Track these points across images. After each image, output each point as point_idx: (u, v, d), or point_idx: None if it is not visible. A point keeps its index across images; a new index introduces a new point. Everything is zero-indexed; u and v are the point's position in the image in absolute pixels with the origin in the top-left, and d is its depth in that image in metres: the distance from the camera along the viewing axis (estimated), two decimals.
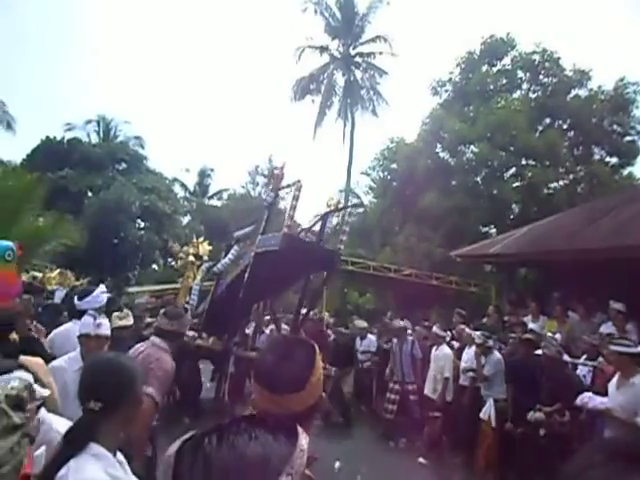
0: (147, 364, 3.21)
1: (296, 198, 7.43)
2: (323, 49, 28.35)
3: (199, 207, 31.39)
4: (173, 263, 27.91)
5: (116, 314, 4.44)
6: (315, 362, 1.37)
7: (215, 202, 33.32)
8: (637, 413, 4.19)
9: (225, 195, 33.32)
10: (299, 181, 7.60)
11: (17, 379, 1.49)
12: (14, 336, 2.92)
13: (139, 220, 25.43)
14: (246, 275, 7.38)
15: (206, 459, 0.82)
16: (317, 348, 1.45)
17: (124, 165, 26.97)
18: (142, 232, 24.99)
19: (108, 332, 3.40)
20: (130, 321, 4.44)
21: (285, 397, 1.29)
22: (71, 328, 4.05)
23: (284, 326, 9.37)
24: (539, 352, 5.78)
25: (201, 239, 11.07)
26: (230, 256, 8.78)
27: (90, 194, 24.67)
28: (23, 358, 2.27)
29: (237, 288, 7.63)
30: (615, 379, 4.55)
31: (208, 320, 8.36)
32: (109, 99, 61.92)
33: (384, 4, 27.23)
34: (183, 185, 33.06)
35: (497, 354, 6.44)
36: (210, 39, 75.92)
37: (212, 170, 34.17)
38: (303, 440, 0.93)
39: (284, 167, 8.57)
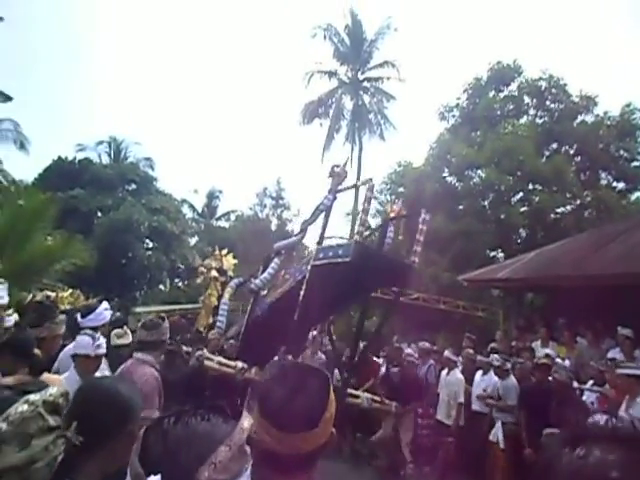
0: (137, 382, 3.27)
1: (368, 200, 6.44)
2: (332, 74, 28.77)
3: (207, 228, 31.58)
4: (180, 284, 28.09)
5: (114, 332, 4.51)
6: (329, 395, 1.24)
7: (223, 223, 33.55)
8: None
9: (233, 217, 33.54)
10: (371, 180, 6.76)
11: (55, 387, 1.56)
12: (37, 351, 2.97)
13: (147, 240, 25.60)
14: (302, 292, 6.32)
15: (164, 434, 1.07)
16: (329, 377, 1.31)
17: (134, 186, 27.25)
18: (150, 252, 25.13)
19: (104, 351, 3.47)
20: (128, 339, 4.50)
21: (295, 436, 1.16)
22: None
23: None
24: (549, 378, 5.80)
25: (224, 251, 10.00)
26: (270, 270, 7.50)
27: (100, 214, 24.90)
28: (45, 376, 2.31)
29: (284, 308, 6.59)
30: (624, 404, 4.66)
31: (245, 346, 7.18)
32: (120, 120, 62.83)
33: (392, 30, 27.74)
34: (191, 206, 33.34)
35: (513, 378, 6.45)
36: (222, 62, 77.18)
37: (220, 192, 34.50)
38: (246, 421, 1.15)
39: (346, 164, 7.74)
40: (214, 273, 9.35)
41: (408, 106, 55.95)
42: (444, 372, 7.40)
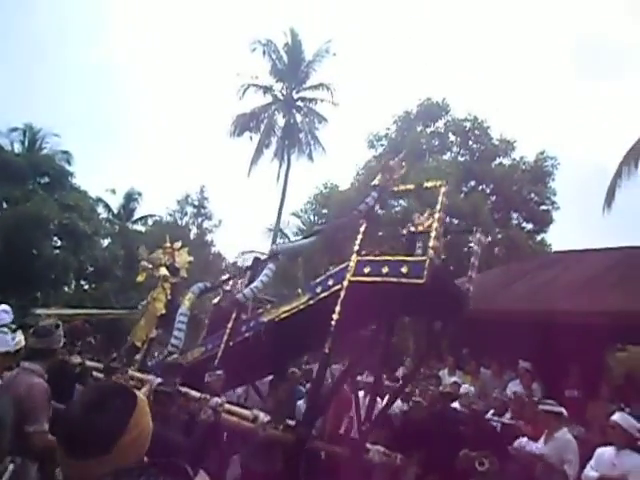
0: (23, 393, 3.10)
1: (443, 207, 5.32)
2: (267, 89, 28.82)
3: (122, 230, 30.27)
4: (87, 286, 26.69)
5: None
6: (132, 416, 1.10)
7: (139, 227, 32.32)
8: (563, 462, 4.83)
9: (150, 221, 32.42)
10: (446, 183, 5.62)
11: None
12: None
13: (56, 238, 24.16)
14: (336, 315, 5.06)
15: None
16: (143, 398, 1.16)
17: (47, 179, 25.68)
18: (58, 251, 23.72)
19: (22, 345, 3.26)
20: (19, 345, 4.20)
21: (84, 463, 1.03)
22: None
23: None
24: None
25: (178, 244, 7.69)
26: (264, 277, 6.15)
27: (5, 205, 23.26)
28: None
29: (293, 330, 5.49)
30: (543, 437, 5.12)
31: (231, 375, 5.70)
32: (39, 109, 59.43)
33: (330, 54, 28.25)
34: (107, 206, 31.85)
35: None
36: (155, 60, 75.25)
37: (140, 194, 33.19)
38: None
39: (403, 158, 6.44)
40: (163, 271, 7.04)
41: (338, 130, 57.00)
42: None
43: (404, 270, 4.90)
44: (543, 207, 19.72)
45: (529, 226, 19.97)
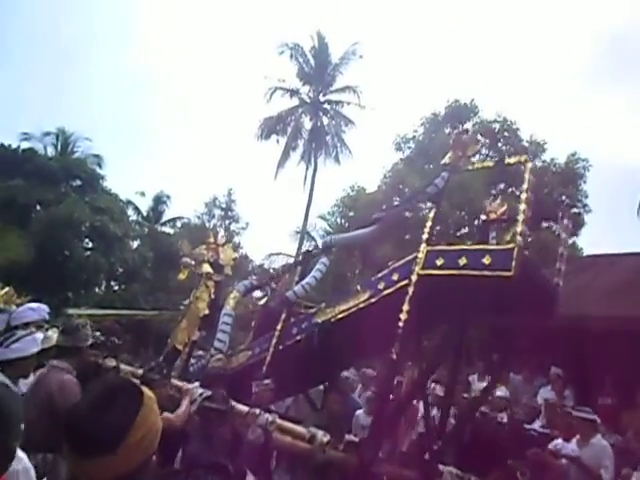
0: (55, 390, 3.15)
1: (530, 186, 4.78)
2: (294, 92, 28.92)
3: (151, 233, 30.72)
4: (117, 287, 27.14)
5: None
6: (139, 413, 1.06)
7: (168, 229, 32.73)
8: (600, 467, 4.76)
9: (179, 223, 32.81)
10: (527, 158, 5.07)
11: None
12: None
13: (87, 240, 24.64)
14: (405, 313, 4.45)
15: None
16: (150, 395, 1.12)
17: (79, 182, 26.24)
18: (89, 253, 24.18)
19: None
20: (50, 343, 4.26)
21: (89, 462, 1.01)
22: None
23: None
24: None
25: (222, 239, 7.12)
26: (316, 273, 5.62)
27: (39, 208, 23.81)
28: None
29: (351, 332, 4.86)
30: (574, 442, 5.07)
31: (280, 384, 5.10)
32: (72, 114, 60.81)
33: (357, 57, 28.22)
34: (137, 208, 32.35)
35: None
36: (182, 65, 76.36)
37: (168, 197, 33.63)
38: None
39: (476, 135, 5.06)
40: (206, 268, 6.46)
41: (365, 133, 56.87)
42: None
43: (486, 261, 4.26)
44: (574, 210, 19.32)
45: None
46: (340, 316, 5.05)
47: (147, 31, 74.14)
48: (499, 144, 20.10)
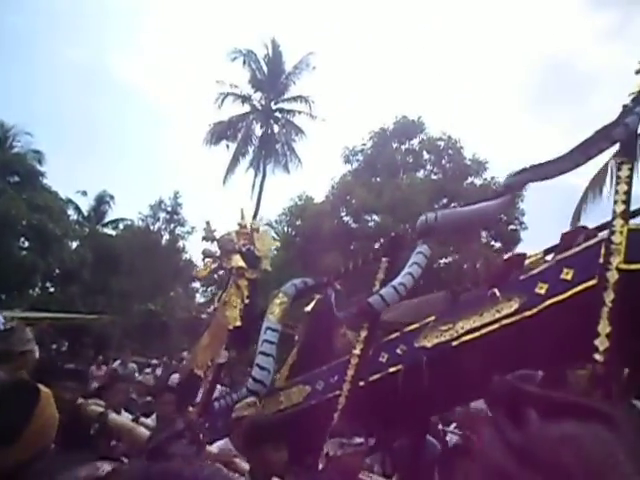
0: None
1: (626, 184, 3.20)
2: (245, 99, 28.89)
3: (91, 233, 29.80)
4: (52, 289, 26.16)
5: None
6: (35, 408, 1.17)
7: (110, 231, 31.85)
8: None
9: (122, 225, 32.00)
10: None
11: None
12: None
13: (23, 239, 23.68)
14: (606, 330, 2.86)
15: None
16: (47, 391, 1.23)
17: (17, 178, 25.20)
18: (25, 252, 23.24)
19: None
20: None
21: None
22: None
23: None
24: None
25: (258, 223, 5.63)
26: (412, 270, 3.97)
27: None
28: None
29: (499, 359, 3.16)
30: None
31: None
32: (11, 107, 58.25)
33: (310, 68, 28.51)
34: (77, 208, 31.32)
35: None
36: (132, 64, 74.66)
37: (112, 197, 32.73)
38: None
39: None
40: (238, 261, 4.66)
41: (315, 143, 57.31)
42: None
43: None
44: (512, 226, 20.28)
45: (497, 244, 20.49)
46: (467, 338, 3.30)
47: (95, 27, 72.12)
48: (443, 161, 20.82)
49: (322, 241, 18.30)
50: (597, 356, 2.76)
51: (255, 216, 26.60)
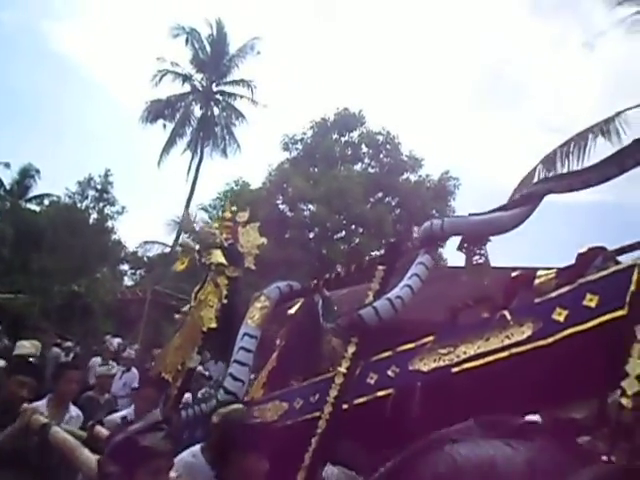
0: None
1: None
2: (186, 78, 28.10)
3: (13, 208, 28.21)
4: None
5: None
6: None
7: (34, 206, 30.28)
8: None
9: (47, 201, 30.49)
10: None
11: None
12: None
13: None
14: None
15: None
16: None
17: None
18: None
19: None
20: None
21: None
22: None
23: None
24: None
25: (244, 215, 4.82)
26: (412, 281, 3.35)
27: None
28: None
29: (507, 391, 2.62)
30: None
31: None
32: None
33: (254, 52, 28.07)
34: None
35: None
36: (69, 31, 70.95)
37: (37, 171, 31.12)
38: None
39: None
40: (218, 257, 4.26)
41: (255, 129, 56.62)
42: None
43: None
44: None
45: None
46: (469, 365, 2.83)
47: None
48: (381, 155, 21.13)
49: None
50: (624, 401, 2.32)
51: (190, 200, 26.10)
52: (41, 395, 3.78)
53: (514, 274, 3.29)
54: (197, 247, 4.56)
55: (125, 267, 27.24)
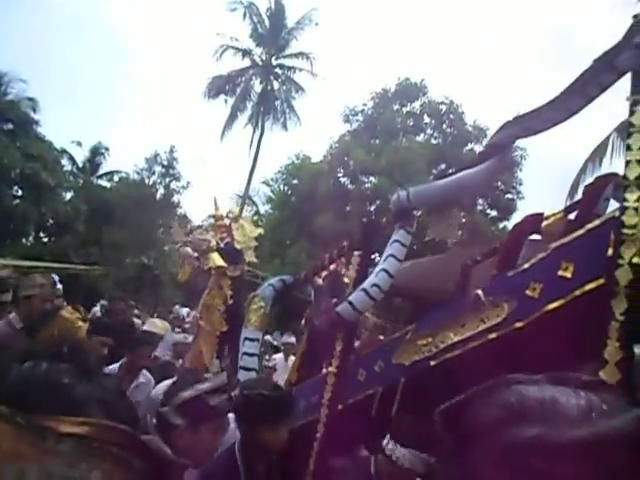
0: None
1: None
2: (246, 52, 28.22)
3: (86, 185, 29.52)
4: (46, 239, 26.04)
5: None
6: None
7: (104, 183, 31.56)
8: None
9: (116, 177, 31.70)
10: None
11: None
12: None
13: (16, 187, 23.45)
14: None
15: None
16: None
17: (10, 126, 24.74)
18: (18, 201, 23.06)
19: None
20: None
21: None
22: None
23: None
24: None
25: (234, 211, 4.94)
26: (388, 264, 2.80)
27: None
28: None
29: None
30: None
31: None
32: (7, 54, 56.85)
33: (313, 24, 27.78)
34: (72, 158, 30.93)
35: None
36: (131, 15, 72.73)
37: (107, 149, 32.28)
38: None
39: None
40: (216, 259, 4.28)
41: (315, 102, 56.43)
42: None
43: None
44: (508, 195, 20.20)
45: (493, 213, 20.47)
46: (447, 356, 2.51)
47: None
48: (444, 126, 20.56)
49: (318, 201, 18.20)
50: None
51: (251, 173, 26.45)
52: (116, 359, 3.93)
53: (520, 220, 2.89)
54: (195, 255, 4.55)
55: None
